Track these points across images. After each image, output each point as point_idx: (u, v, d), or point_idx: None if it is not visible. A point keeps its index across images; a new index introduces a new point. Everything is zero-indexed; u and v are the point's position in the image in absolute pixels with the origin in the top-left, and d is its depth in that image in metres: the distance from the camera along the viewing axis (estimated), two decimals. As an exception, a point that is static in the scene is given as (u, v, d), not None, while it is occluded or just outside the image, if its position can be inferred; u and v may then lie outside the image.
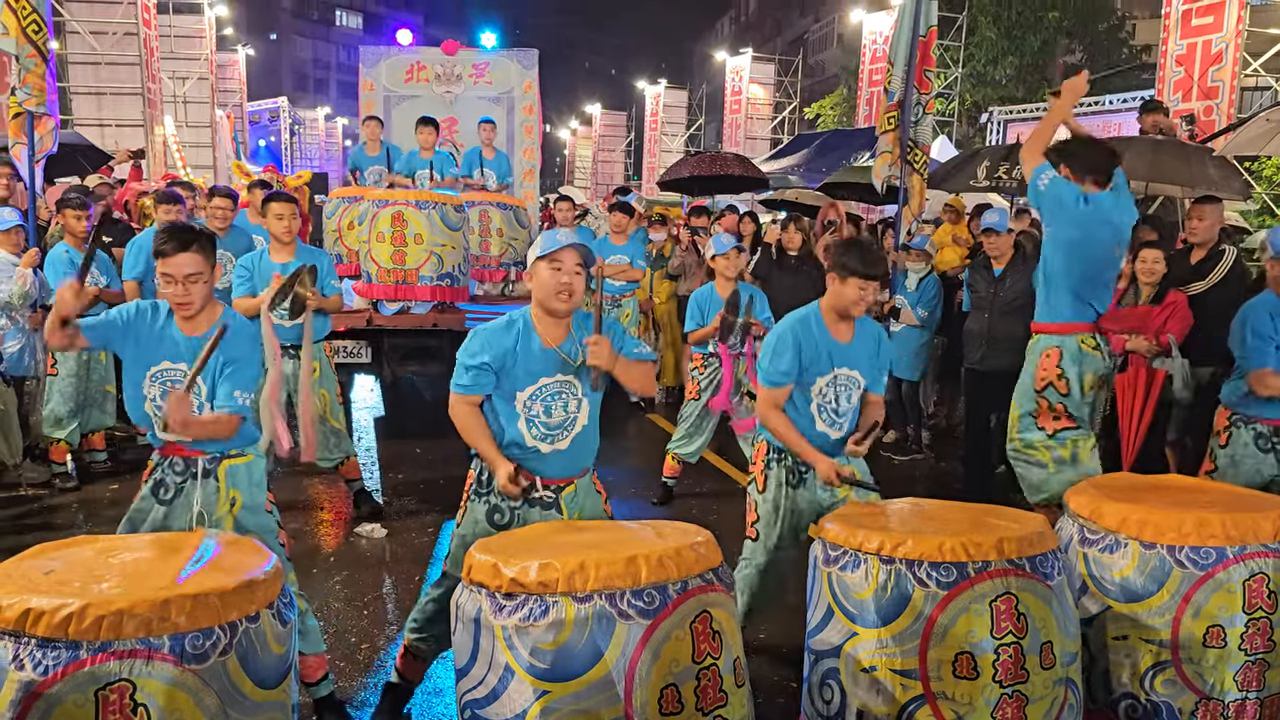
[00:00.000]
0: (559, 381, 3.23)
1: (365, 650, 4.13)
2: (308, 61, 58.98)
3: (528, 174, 12.83)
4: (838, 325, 3.64)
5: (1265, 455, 4.27)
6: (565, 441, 3.26)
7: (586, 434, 3.31)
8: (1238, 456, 4.28)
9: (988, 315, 6.23)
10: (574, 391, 3.26)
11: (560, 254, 3.14)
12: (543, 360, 3.21)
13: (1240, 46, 12.52)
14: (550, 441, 3.24)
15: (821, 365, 3.59)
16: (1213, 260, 5.51)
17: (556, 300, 3.16)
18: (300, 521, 5.70)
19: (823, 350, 3.59)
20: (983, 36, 21.75)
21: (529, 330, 3.23)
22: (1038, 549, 2.91)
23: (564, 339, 3.24)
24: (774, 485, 3.69)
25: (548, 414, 3.23)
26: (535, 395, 3.21)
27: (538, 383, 3.21)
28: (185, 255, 3.18)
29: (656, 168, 27.92)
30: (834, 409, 3.64)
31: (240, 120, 23.82)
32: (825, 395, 3.62)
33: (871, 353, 3.70)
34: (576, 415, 3.27)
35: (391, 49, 13.06)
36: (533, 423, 3.22)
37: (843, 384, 3.64)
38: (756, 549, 3.76)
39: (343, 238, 7.82)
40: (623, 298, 8.42)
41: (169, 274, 3.18)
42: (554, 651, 2.49)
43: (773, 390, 3.59)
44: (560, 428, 3.25)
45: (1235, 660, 3.09)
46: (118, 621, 2.23)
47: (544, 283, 3.16)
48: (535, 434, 3.22)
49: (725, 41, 41.16)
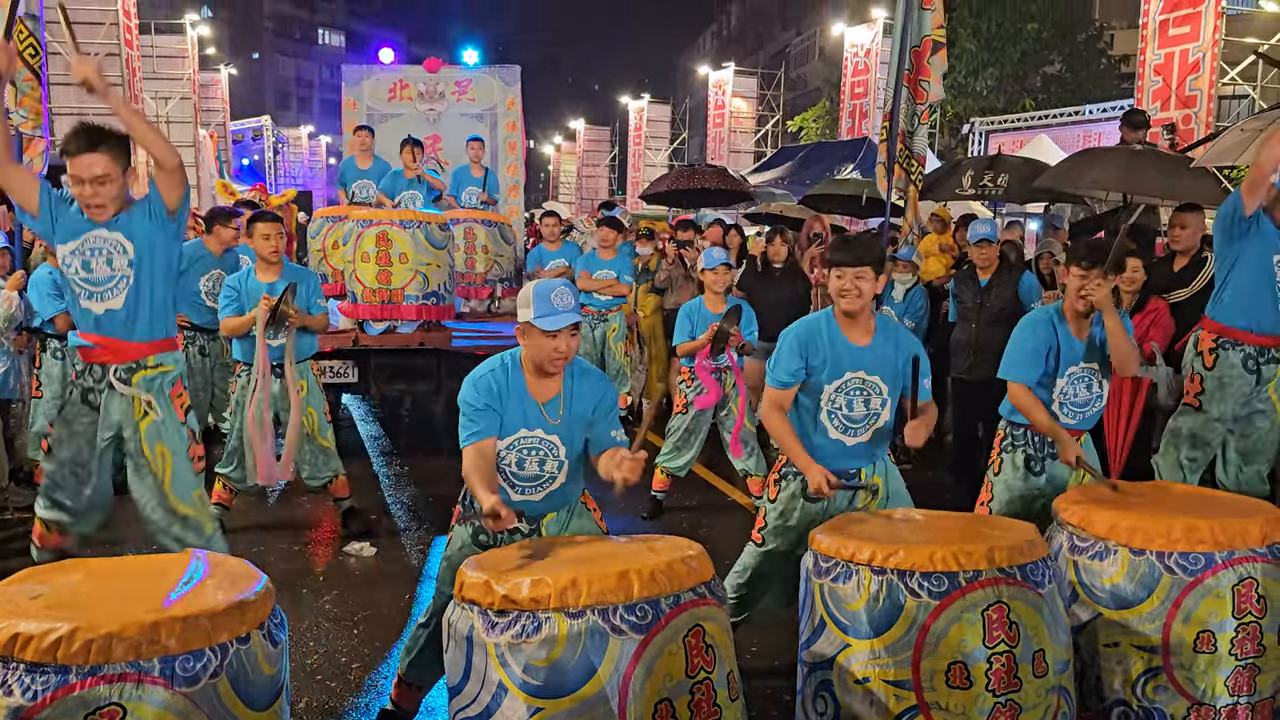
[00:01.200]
0: (538, 438, 3.14)
1: (356, 670, 4.10)
2: (290, 80, 58.96)
3: (512, 190, 12.84)
4: (852, 328, 3.54)
5: (1249, 375, 4.50)
6: (538, 495, 3.20)
7: (565, 490, 3.23)
8: (1225, 378, 4.42)
9: (974, 325, 6.27)
10: (554, 452, 3.16)
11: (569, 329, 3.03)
12: (524, 411, 3.12)
13: (1217, 56, 12.66)
14: (520, 492, 3.18)
15: (831, 370, 3.52)
16: (1195, 268, 5.56)
17: (551, 366, 3.08)
18: (289, 540, 5.67)
19: (832, 354, 3.52)
20: (963, 48, 21.92)
21: (519, 373, 3.14)
22: (1028, 557, 2.92)
23: (552, 396, 3.15)
24: (785, 497, 3.67)
25: (520, 466, 3.15)
26: (512, 446, 3.12)
27: (517, 433, 3.12)
28: (92, 155, 3.26)
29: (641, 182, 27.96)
30: (846, 415, 3.57)
31: (223, 139, 23.79)
32: (835, 402, 3.56)
33: (896, 359, 3.56)
34: (556, 475, 3.18)
35: (374, 67, 13.10)
36: (504, 470, 3.14)
37: (855, 389, 3.55)
38: (754, 553, 3.78)
39: (328, 257, 7.82)
40: (609, 312, 8.43)
41: (76, 175, 3.32)
42: (547, 668, 2.49)
43: (777, 391, 3.58)
44: (532, 482, 3.18)
45: (1226, 665, 3.10)
46: (107, 645, 2.21)
47: (539, 346, 3.04)
48: (505, 480, 3.15)
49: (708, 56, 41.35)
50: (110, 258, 3.66)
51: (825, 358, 3.52)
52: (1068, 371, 3.88)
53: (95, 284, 3.69)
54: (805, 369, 3.54)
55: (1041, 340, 3.86)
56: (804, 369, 3.54)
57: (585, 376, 3.23)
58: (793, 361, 3.53)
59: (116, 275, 3.68)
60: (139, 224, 3.68)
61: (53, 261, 6.18)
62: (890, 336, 3.60)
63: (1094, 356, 3.89)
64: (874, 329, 3.58)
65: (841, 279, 3.47)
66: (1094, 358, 3.89)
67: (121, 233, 3.67)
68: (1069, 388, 3.90)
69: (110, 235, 3.64)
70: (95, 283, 3.69)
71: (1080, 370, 3.88)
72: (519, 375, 3.13)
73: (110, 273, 3.68)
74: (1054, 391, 3.90)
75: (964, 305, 6.45)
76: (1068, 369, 3.87)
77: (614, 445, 3.18)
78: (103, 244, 3.65)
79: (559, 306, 3.01)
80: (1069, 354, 3.87)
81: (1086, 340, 3.89)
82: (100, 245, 3.65)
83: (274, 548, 5.44)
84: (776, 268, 7.52)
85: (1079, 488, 3.77)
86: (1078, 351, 3.87)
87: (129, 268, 3.69)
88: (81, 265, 3.66)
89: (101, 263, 3.65)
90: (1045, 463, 3.94)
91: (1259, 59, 12.47)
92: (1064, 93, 21.81)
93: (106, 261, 3.65)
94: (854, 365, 3.54)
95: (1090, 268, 3.74)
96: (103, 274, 3.68)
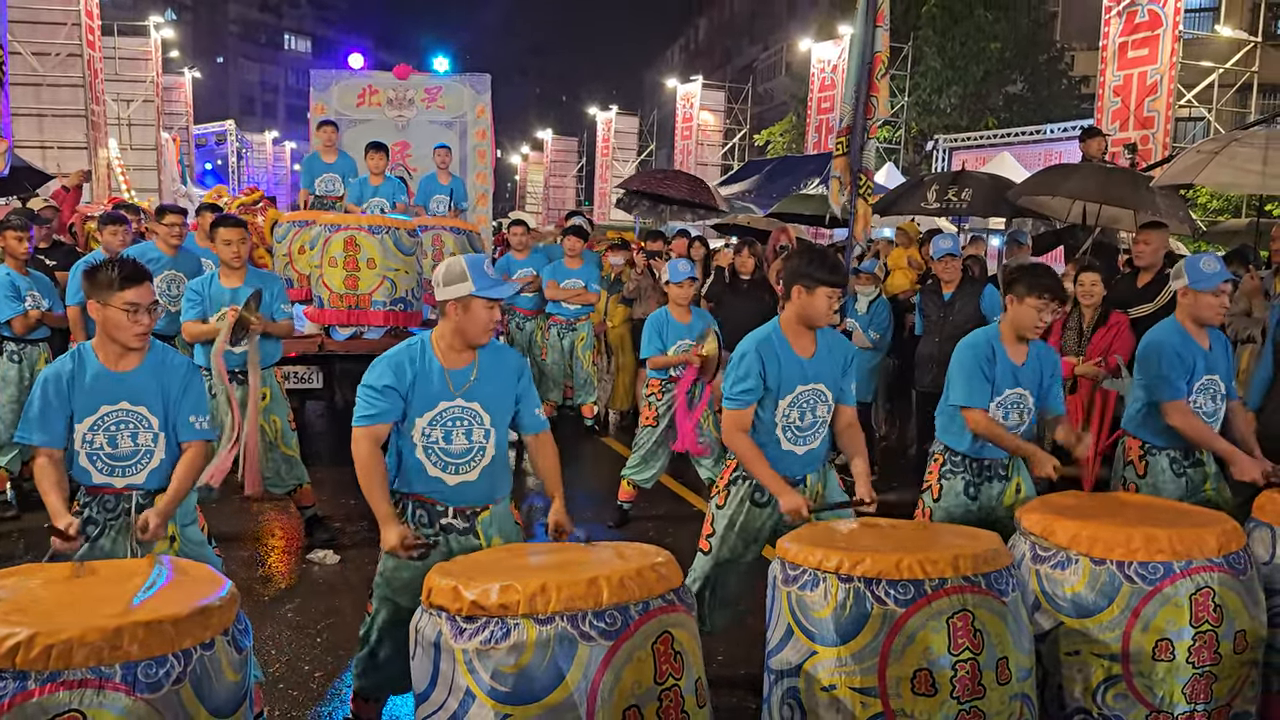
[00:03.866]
0: (459, 406, 3.16)
1: (319, 679, 4.06)
2: (255, 85, 58.48)
3: (481, 199, 12.81)
4: (799, 340, 3.61)
5: (1179, 479, 4.17)
6: (473, 472, 3.20)
7: (497, 464, 3.25)
8: (1158, 484, 4.18)
9: (938, 339, 6.34)
10: (479, 419, 3.19)
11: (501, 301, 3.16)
12: (440, 383, 3.15)
13: (1174, 78, 12.94)
14: (454, 472, 3.17)
15: (786, 384, 3.57)
16: (1158, 284, 5.66)
17: (485, 336, 3.17)
18: (252, 549, 5.60)
19: (786, 368, 3.56)
20: (928, 66, 22.23)
21: (426, 352, 3.18)
22: (992, 566, 2.96)
23: (465, 365, 3.19)
24: (734, 503, 3.69)
25: (447, 440, 3.16)
26: (435, 420, 3.14)
27: (436, 407, 3.15)
28: (147, 285, 3.17)
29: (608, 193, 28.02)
30: (798, 426, 3.62)
31: (186, 143, 23.54)
32: (789, 416, 3.60)
33: (836, 363, 3.67)
34: (485, 445, 3.20)
35: (343, 72, 13.00)
36: (431, 450, 3.15)
37: (807, 400, 3.61)
38: (705, 562, 3.77)
39: (294, 262, 7.74)
40: (578, 321, 8.42)
41: (135, 303, 3.12)
42: (515, 674, 2.48)
43: (737, 412, 3.56)
44: (463, 457, 3.18)
45: (1183, 673, 3.15)
46: (67, 650, 2.18)
47: (476, 319, 3.12)
48: (435, 462, 3.16)
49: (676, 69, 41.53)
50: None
51: (779, 373, 3.56)
52: (1004, 394, 3.91)
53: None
54: (763, 386, 3.55)
55: (984, 360, 3.89)
56: (763, 385, 3.55)
57: (498, 350, 3.30)
58: (752, 378, 3.54)
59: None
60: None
61: (10, 263, 6.08)
62: (829, 344, 3.69)
63: (1029, 382, 3.93)
64: (815, 338, 3.65)
65: (832, 299, 3.54)
66: (1029, 383, 3.93)
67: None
68: (997, 412, 3.91)
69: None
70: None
71: (1017, 395, 3.92)
72: (430, 354, 3.18)
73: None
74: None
75: (928, 319, 6.52)
76: (1003, 392, 3.91)
77: (540, 428, 3.34)
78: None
79: (494, 278, 3.16)
80: (1004, 378, 3.90)
81: (1024, 364, 3.92)
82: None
83: (236, 555, 5.36)
84: (744, 280, 7.55)
85: (1042, 498, 3.82)
86: (1016, 376, 3.91)
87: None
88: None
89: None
90: (980, 487, 3.99)
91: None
92: (1026, 111, 22.16)
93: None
94: (804, 378, 3.60)
95: (1052, 300, 3.79)
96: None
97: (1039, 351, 3.98)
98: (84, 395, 3.18)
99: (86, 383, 3.18)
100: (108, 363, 3.21)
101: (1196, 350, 4.08)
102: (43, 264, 6.89)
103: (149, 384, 3.24)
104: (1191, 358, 4.05)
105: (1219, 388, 4.16)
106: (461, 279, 3.11)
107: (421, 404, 3.13)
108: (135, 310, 3.12)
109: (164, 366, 3.27)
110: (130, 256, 3.35)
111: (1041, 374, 3.96)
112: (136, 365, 3.23)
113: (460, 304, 3.12)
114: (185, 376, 3.31)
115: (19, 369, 6.07)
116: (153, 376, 3.25)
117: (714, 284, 8.02)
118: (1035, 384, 3.94)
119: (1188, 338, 4.09)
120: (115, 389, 3.20)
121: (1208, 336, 4.14)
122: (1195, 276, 4.06)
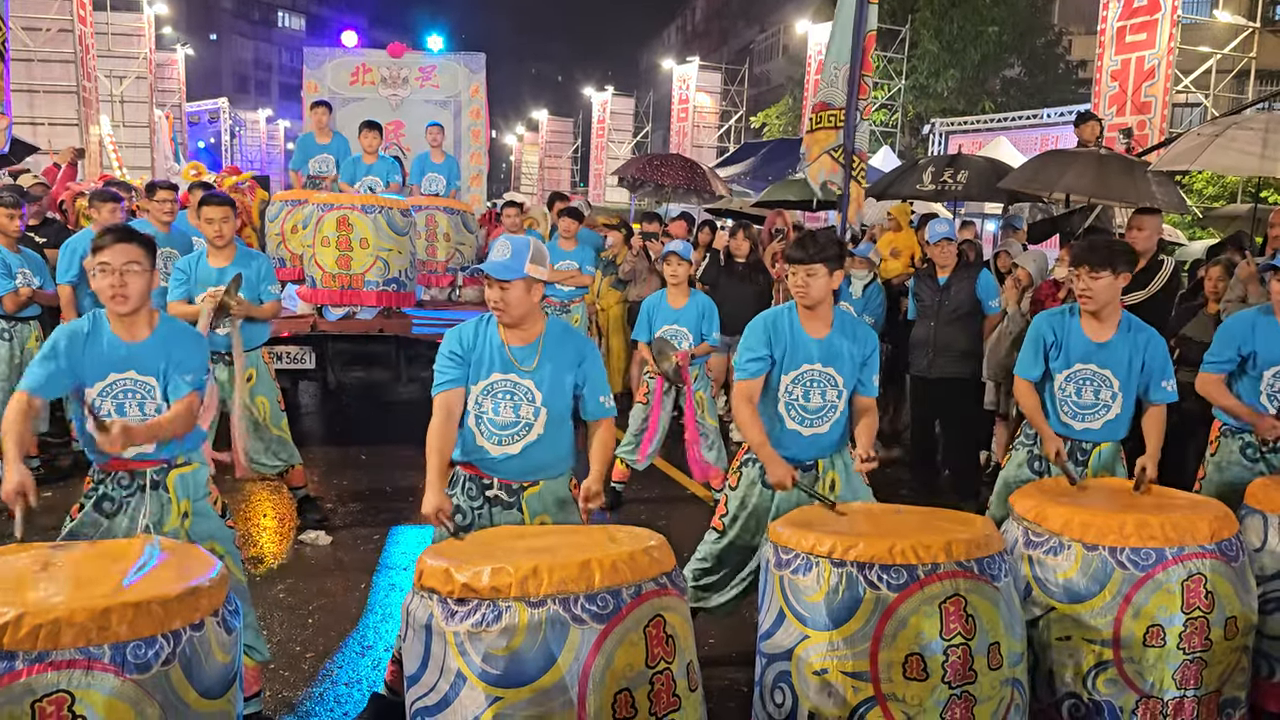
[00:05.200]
0: (511, 382, 3.23)
1: (310, 659, 4.05)
2: (249, 63, 58.10)
3: (475, 179, 12.75)
4: (810, 321, 3.63)
5: (1254, 464, 4.20)
6: (516, 446, 3.24)
7: (544, 444, 3.27)
8: (1224, 464, 4.27)
9: (933, 323, 6.33)
10: (529, 397, 3.24)
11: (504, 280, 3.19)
12: (498, 355, 3.23)
13: (1172, 64, 12.89)
14: (499, 443, 3.23)
15: (791, 360, 3.60)
16: (1152, 270, 5.65)
17: (494, 312, 3.23)
18: (243, 529, 5.59)
19: (794, 344, 3.60)
20: (925, 50, 22.16)
21: (491, 324, 3.28)
22: (985, 551, 2.95)
23: (527, 343, 3.26)
24: (745, 484, 3.73)
25: (495, 412, 3.22)
26: (487, 390, 3.22)
27: (489, 377, 3.22)
28: (124, 245, 3.12)
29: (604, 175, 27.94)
30: (803, 405, 3.63)
31: (179, 121, 23.37)
32: (792, 393, 3.62)
33: (854, 353, 3.66)
34: (532, 423, 3.25)
35: (336, 50, 12.91)
36: (481, 420, 3.23)
37: (813, 380, 3.62)
38: (718, 543, 3.81)
39: (286, 241, 7.69)
40: (572, 303, 8.40)
41: (107, 262, 3.09)
42: (507, 657, 2.47)
43: (744, 382, 3.63)
44: (509, 430, 3.23)
45: (1174, 659, 3.16)
46: (55, 631, 2.16)
47: (487, 294, 3.22)
48: (484, 433, 3.23)
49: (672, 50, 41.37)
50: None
51: (785, 348, 3.61)
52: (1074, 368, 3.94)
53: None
54: (770, 358, 3.60)
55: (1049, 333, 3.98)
56: (769, 357, 3.60)
57: (567, 334, 3.37)
58: (758, 349, 3.60)
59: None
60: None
61: (2, 241, 6.03)
62: (847, 331, 3.68)
63: (1104, 360, 3.92)
64: (832, 323, 3.65)
65: (794, 275, 3.57)
66: (1104, 361, 3.92)
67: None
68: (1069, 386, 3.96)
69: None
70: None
71: (1086, 371, 3.93)
72: (493, 325, 3.28)
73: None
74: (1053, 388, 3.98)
75: (923, 303, 6.51)
76: (1073, 365, 3.94)
77: (605, 415, 3.38)
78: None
79: (494, 258, 3.21)
80: (1077, 352, 3.93)
81: (1101, 342, 3.92)
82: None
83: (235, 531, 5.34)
84: (739, 263, 7.54)
85: (1035, 483, 3.82)
86: (1087, 351, 3.92)
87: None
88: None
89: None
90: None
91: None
92: (1023, 96, 22.13)
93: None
94: (810, 358, 3.62)
95: (1096, 268, 3.81)
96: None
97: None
98: (94, 360, 3.16)
99: (99, 348, 3.17)
100: (118, 332, 3.20)
101: (1274, 335, 4.10)
102: (33, 241, 6.84)
103: (158, 355, 3.22)
104: (1257, 342, 4.10)
105: None
106: (541, 263, 3.23)
107: (475, 373, 3.23)
108: (107, 270, 3.08)
109: (171, 337, 3.26)
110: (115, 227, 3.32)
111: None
112: (147, 336, 3.22)
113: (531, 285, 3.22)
114: (189, 344, 3.31)
115: (9, 347, 6.04)
116: (161, 348, 3.23)
117: (709, 267, 8.00)
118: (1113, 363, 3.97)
119: (1269, 322, 4.11)
120: (125, 358, 3.19)
121: None
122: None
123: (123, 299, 3.12)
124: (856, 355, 3.66)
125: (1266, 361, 4.12)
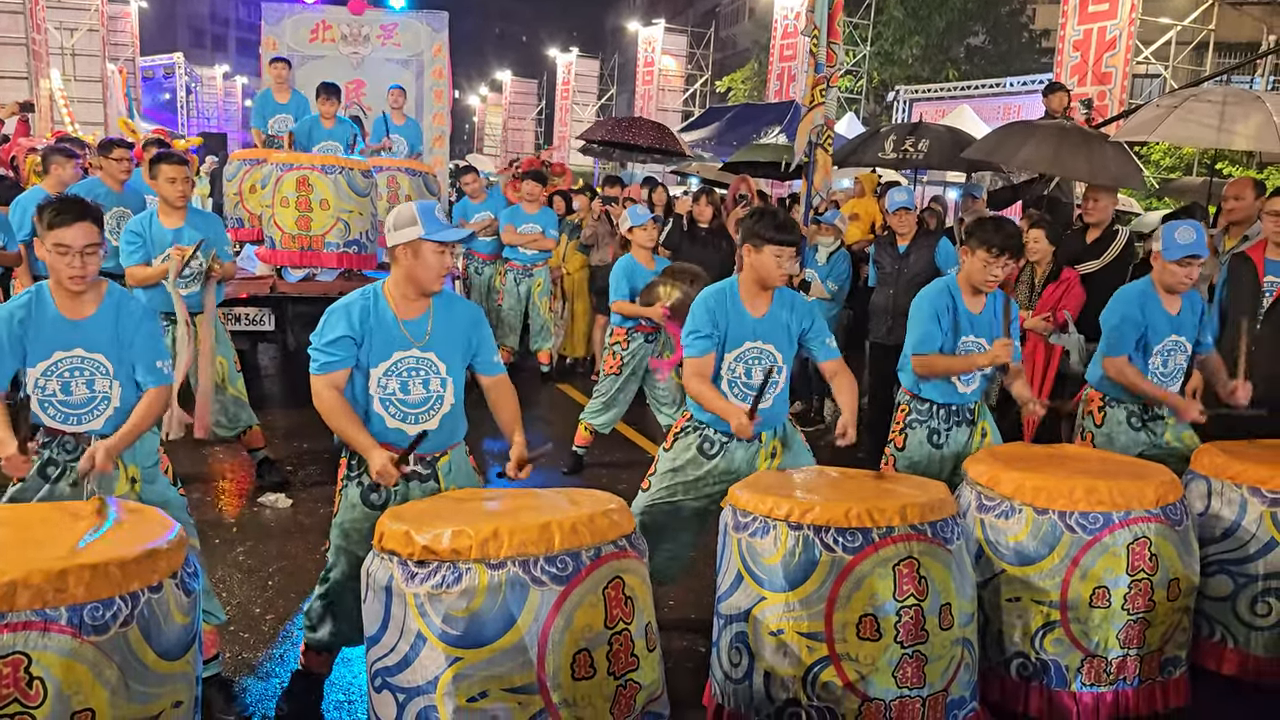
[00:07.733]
0: (414, 357, 3.13)
1: (270, 621, 4.05)
2: (205, 17, 56.68)
3: (437, 140, 12.60)
4: (754, 300, 3.63)
5: (1137, 433, 4.25)
6: (434, 420, 3.17)
7: (455, 413, 3.23)
8: (1113, 434, 4.27)
9: (892, 290, 6.38)
10: (434, 369, 3.16)
11: (453, 245, 3.11)
12: (396, 333, 3.11)
13: (1133, 34, 13.00)
14: (414, 422, 3.14)
15: (733, 339, 3.61)
16: (1106, 240, 5.74)
17: (437, 283, 3.11)
18: (201, 492, 5.55)
19: (735, 324, 3.60)
20: (890, 16, 22.14)
21: (380, 301, 3.13)
22: (939, 514, 3.02)
23: (419, 315, 3.16)
24: (680, 450, 3.73)
25: (404, 391, 3.13)
26: (391, 371, 3.11)
27: (391, 357, 3.11)
28: (83, 225, 3.02)
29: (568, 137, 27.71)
30: (745, 383, 3.65)
31: (133, 76, 22.78)
32: (734, 370, 3.64)
33: (791, 327, 3.67)
34: (442, 394, 3.18)
35: (295, 6, 12.64)
36: (389, 402, 3.12)
37: (755, 357, 3.63)
38: (642, 499, 3.80)
39: (244, 201, 7.58)
40: (535, 267, 8.37)
41: (66, 245, 3.00)
42: (466, 618, 2.49)
43: (693, 359, 3.61)
44: (421, 407, 3.15)
45: (1118, 620, 3.26)
46: (10, 593, 2.15)
47: (427, 264, 3.07)
48: (394, 414, 3.13)
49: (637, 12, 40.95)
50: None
51: (728, 327, 3.61)
52: (961, 343, 3.97)
53: None
54: (714, 335, 3.59)
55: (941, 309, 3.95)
56: (716, 334, 3.59)
57: (453, 302, 3.27)
58: (704, 328, 3.59)
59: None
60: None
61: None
62: (785, 304, 3.69)
63: (985, 332, 3.99)
64: (771, 299, 3.66)
65: (780, 257, 3.54)
66: (985, 333, 3.99)
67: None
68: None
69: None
70: None
71: (973, 343, 3.98)
72: (383, 303, 3.13)
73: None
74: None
75: (883, 270, 6.56)
76: (962, 339, 3.97)
77: (497, 371, 3.33)
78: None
79: (445, 222, 3.09)
80: (962, 326, 3.96)
81: (981, 314, 3.99)
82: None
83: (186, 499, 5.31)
84: (702, 228, 7.53)
85: (987, 449, 3.89)
86: (973, 325, 3.97)
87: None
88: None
89: None
90: (948, 434, 4.06)
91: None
92: (986, 64, 22.21)
93: None
94: (751, 335, 3.63)
95: (1000, 255, 3.82)
96: None
97: (997, 303, 4.03)
98: (38, 340, 3.07)
99: (41, 327, 3.08)
100: (63, 308, 3.10)
101: (1160, 315, 4.11)
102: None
103: (105, 330, 3.14)
104: (1149, 321, 4.09)
105: (1184, 349, 4.21)
106: (411, 223, 3.05)
107: (377, 355, 3.10)
108: (65, 252, 2.99)
109: (120, 312, 3.17)
110: (75, 194, 3.23)
111: (993, 325, 4.01)
112: (94, 311, 3.13)
113: (410, 249, 3.06)
114: (140, 321, 3.21)
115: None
116: (110, 322, 3.15)
117: (672, 232, 7.98)
118: (990, 334, 3.99)
119: (1152, 302, 4.12)
120: (70, 335, 3.10)
121: (1179, 302, 4.15)
122: (1166, 244, 4.05)
123: (80, 280, 3.05)
124: (795, 328, 3.68)
125: (1154, 341, 4.13)
